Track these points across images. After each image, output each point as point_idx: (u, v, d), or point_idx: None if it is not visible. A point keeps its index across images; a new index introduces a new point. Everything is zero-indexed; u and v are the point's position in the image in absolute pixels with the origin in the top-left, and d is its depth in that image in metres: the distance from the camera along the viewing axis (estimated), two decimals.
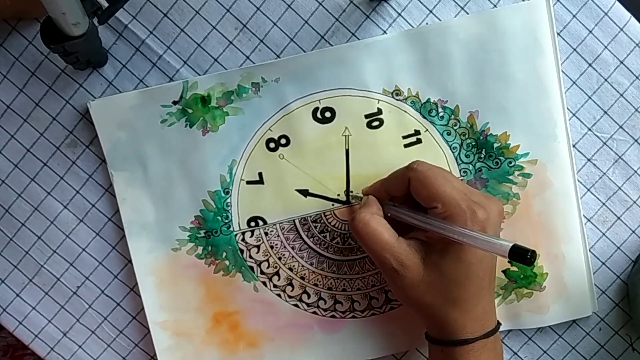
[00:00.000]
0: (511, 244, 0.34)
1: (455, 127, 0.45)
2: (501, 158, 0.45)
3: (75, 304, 0.47)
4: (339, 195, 0.45)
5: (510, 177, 0.46)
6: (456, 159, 0.45)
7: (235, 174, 0.45)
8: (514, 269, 0.46)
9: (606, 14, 0.44)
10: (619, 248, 0.47)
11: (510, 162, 0.45)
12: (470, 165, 0.46)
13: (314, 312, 0.47)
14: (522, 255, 0.33)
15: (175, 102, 0.44)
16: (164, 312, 0.46)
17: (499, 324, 0.41)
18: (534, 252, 0.33)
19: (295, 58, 0.44)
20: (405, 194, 0.40)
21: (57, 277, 0.47)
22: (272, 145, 0.45)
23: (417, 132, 0.45)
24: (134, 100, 0.44)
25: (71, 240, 0.46)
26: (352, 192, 0.45)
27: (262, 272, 0.46)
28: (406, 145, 0.45)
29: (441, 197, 0.38)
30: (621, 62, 0.45)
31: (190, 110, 0.44)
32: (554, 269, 0.46)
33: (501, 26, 0.44)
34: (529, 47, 0.44)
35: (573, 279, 0.46)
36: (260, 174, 0.45)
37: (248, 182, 0.45)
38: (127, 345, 0.48)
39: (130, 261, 0.46)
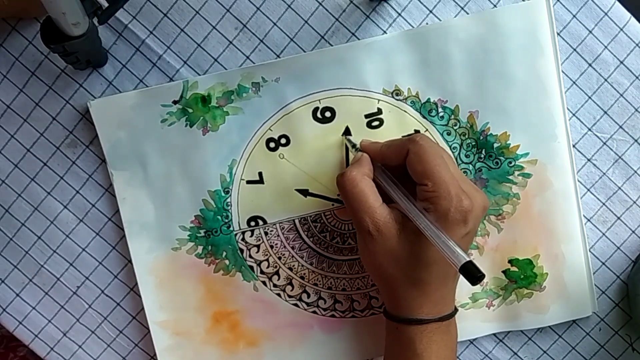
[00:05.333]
0: (467, 259, 0.34)
1: (455, 127, 0.45)
2: (501, 158, 0.45)
3: (75, 304, 0.47)
4: (338, 195, 0.45)
5: (510, 177, 0.46)
6: (456, 159, 0.45)
7: (235, 174, 0.45)
8: (514, 269, 0.46)
9: (606, 14, 0.44)
10: (619, 248, 0.47)
11: (510, 162, 0.45)
12: (470, 165, 0.46)
13: (314, 312, 0.47)
14: (472, 274, 0.33)
15: (175, 102, 0.44)
16: (164, 311, 0.46)
17: (455, 309, 0.41)
18: (483, 275, 0.33)
19: (295, 58, 0.44)
20: (399, 164, 0.40)
21: (57, 277, 0.47)
22: (272, 145, 0.45)
23: (417, 132, 0.45)
24: (134, 100, 0.44)
25: (71, 240, 0.46)
26: (348, 137, 0.45)
27: (262, 272, 0.46)
28: None
29: (434, 177, 0.38)
30: (621, 62, 0.45)
31: (190, 110, 0.44)
32: (554, 269, 0.46)
33: (501, 26, 0.44)
34: (529, 47, 0.44)
35: (573, 279, 0.46)
36: (260, 174, 0.45)
37: (248, 182, 0.45)
38: (127, 345, 0.48)
39: (130, 261, 0.46)
